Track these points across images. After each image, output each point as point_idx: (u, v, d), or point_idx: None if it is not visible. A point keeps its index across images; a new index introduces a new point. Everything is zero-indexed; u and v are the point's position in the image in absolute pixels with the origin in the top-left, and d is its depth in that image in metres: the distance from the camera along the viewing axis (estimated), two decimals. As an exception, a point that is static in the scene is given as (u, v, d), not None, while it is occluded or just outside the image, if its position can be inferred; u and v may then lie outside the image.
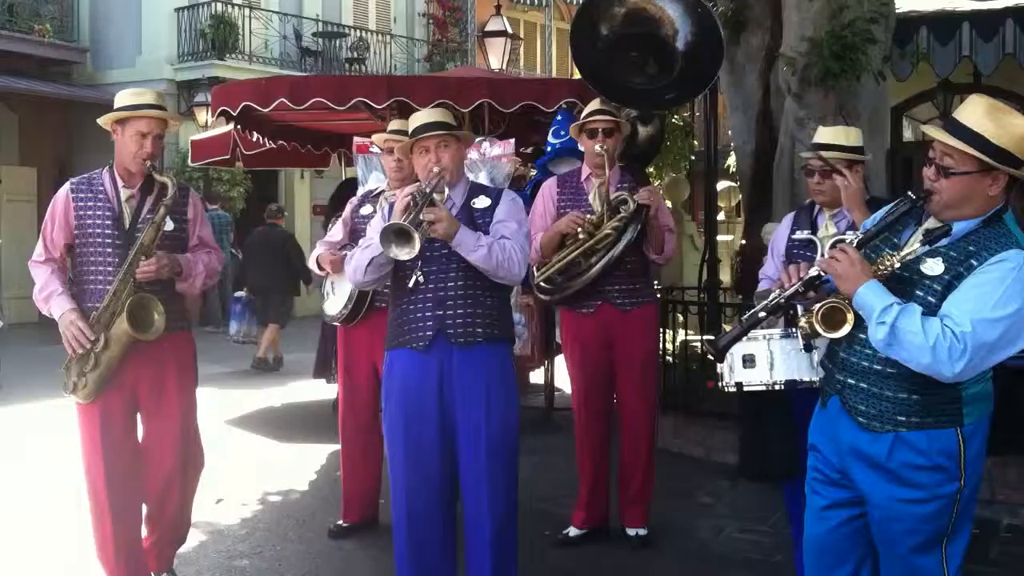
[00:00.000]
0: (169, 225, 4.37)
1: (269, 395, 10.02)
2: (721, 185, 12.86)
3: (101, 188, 4.38)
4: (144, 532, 4.60)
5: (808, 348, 3.52)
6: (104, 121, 4.44)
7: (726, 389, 3.94)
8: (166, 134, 4.49)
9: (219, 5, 19.28)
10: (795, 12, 7.20)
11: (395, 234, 3.81)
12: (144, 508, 4.57)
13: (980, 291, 2.86)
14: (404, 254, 3.82)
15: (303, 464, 7.30)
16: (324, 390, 9.52)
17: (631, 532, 5.45)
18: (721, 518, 5.99)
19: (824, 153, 4.32)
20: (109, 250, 4.31)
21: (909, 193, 3.09)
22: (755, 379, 3.79)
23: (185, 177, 18.45)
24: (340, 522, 5.72)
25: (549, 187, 5.54)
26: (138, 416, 4.51)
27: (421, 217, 3.87)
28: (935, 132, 3.03)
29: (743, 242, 8.98)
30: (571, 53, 5.61)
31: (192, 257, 4.48)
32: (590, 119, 5.30)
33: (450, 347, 4.06)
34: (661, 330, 7.66)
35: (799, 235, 4.38)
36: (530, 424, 4.30)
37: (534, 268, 5.43)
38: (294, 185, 20.29)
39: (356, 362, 5.62)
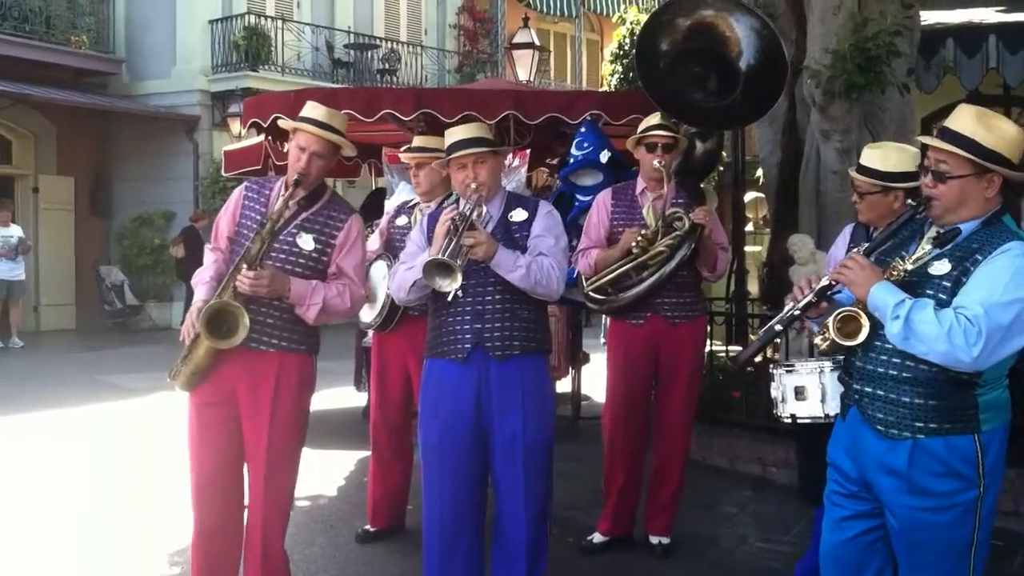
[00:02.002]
0: (309, 244, 4.19)
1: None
2: (749, 196, 12.87)
3: (268, 191, 4.30)
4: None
5: (839, 366, 3.59)
6: (285, 126, 4.41)
7: (781, 419, 4.02)
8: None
9: (252, 17, 19.52)
10: (819, 25, 7.24)
11: (437, 268, 3.91)
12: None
13: (989, 279, 2.95)
14: (447, 286, 3.92)
15: (332, 470, 7.39)
16: (354, 397, 9.63)
17: (654, 540, 5.51)
18: (744, 528, 6.03)
19: (853, 175, 4.36)
20: None
21: (910, 201, 3.23)
22: (807, 412, 3.89)
23: (219, 187, 18.72)
24: (368, 527, 5.81)
25: (604, 198, 5.53)
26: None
27: (462, 242, 3.96)
28: (929, 140, 3.16)
29: (770, 253, 8.99)
30: (636, 67, 5.64)
31: (314, 285, 4.17)
32: (650, 133, 5.29)
33: (488, 359, 4.13)
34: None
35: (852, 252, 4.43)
36: (556, 433, 4.38)
37: (584, 278, 5.46)
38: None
39: (389, 368, 5.71)
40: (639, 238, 5.21)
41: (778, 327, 3.33)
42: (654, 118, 5.39)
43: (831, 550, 3.37)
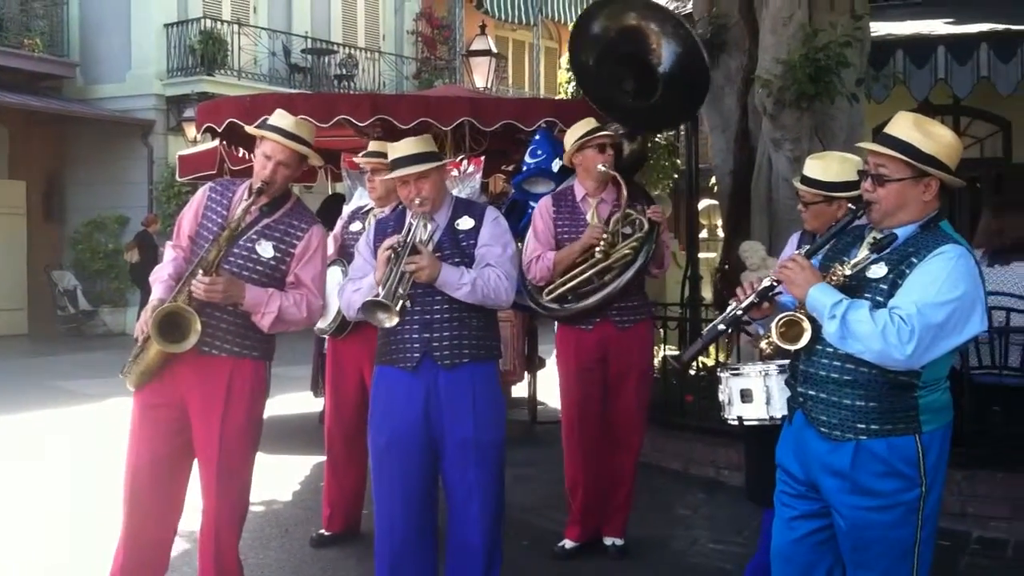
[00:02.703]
0: (269, 252, 4.18)
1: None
2: (703, 203, 12.97)
3: (232, 194, 4.28)
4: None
5: (784, 370, 3.67)
6: (254, 133, 4.37)
7: (728, 422, 4.09)
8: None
9: (208, 21, 19.44)
10: (770, 35, 7.35)
11: (375, 306, 3.94)
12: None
13: (923, 280, 3.04)
14: (387, 321, 3.96)
15: (287, 474, 7.39)
16: (310, 403, 9.62)
17: (608, 542, 5.56)
18: (697, 530, 6.11)
19: (797, 186, 4.44)
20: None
21: (850, 206, 3.33)
22: (753, 414, 3.96)
23: (174, 191, 18.61)
24: (323, 531, 5.83)
25: (545, 205, 5.54)
26: None
27: (404, 268, 3.99)
28: (868, 145, 3.25)
29: (723, 259, 9.10)
30: (572, 70, 5.74)
31: (270, 293, 4.16)
32: (597, 135, 5.34)
33: (437, 368, 4.16)
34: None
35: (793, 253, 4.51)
36: (512, 437, 4.42)
37: (539, 286, 5.49)
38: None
39: (344, 374, 5.74)
40: (601, 237, 5.24)
41: (721, 326, 3.41)
42: (590, 122, 5.45)
43: (781, 549, 3.44)
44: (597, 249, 5.26)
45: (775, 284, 3.29)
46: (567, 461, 5.60)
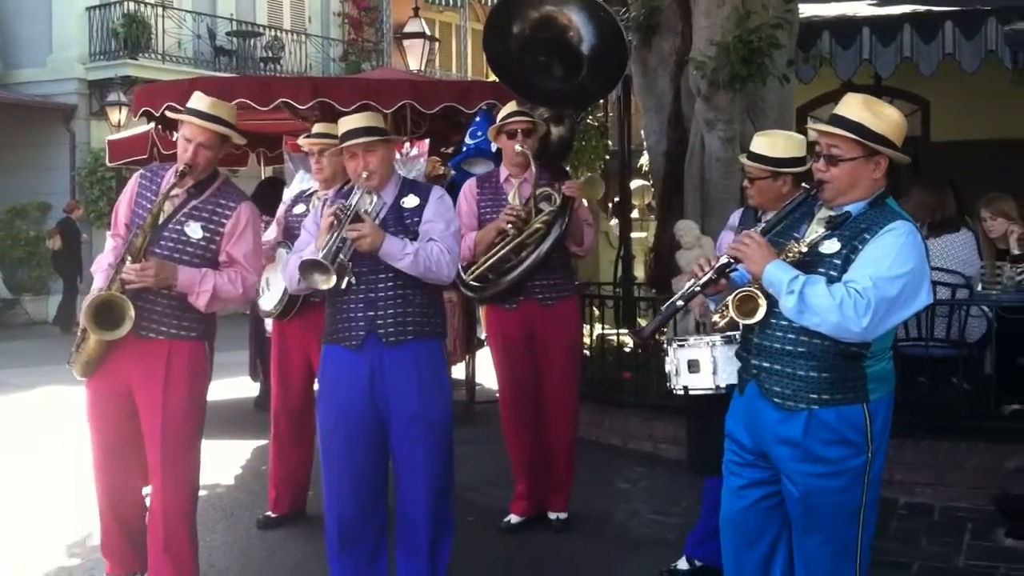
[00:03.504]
0: (197, 233, 4.24)
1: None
2: (635, 184, 13.14)
3: (160, 179, 4.32)
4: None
5: (730, 340, 3.79)
6: (173, 116, 4.47)
7: (674, 391, 4.20)
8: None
9: (131, 4, 19.13)
10: (704, 18, 7.47)
11: (312, 266, 3.98)
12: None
13: (876, 255, 3.17)
14: (323, 283, 3.99)
15: (228, 459, 7.36)
16: (246, 388, 9.59)
17: (552, 516, 5.66)
18: (637, 502, 6.23)
19: (745, 161, 4.56)
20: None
21: (804, 184, 3.45)
22: (700, 384, 4.08)
23: (97, 177, 18.31)
24: (269, 513, 5.84)
25: (469, 187, 5.68)
26: None
27: (345, 235, 4.03)
28: (822, 127, 3.36)
29: (656, 239, 9.24)
30: (485, 54, 5.78)
31: (203, 272, 4.23)
32: (509, 120, 5.48)
33: (381, 346, 4.20)
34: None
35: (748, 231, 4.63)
36: (452, 417, 4.51)
37: (461, 266, 5.54)
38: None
39: (290, 355, 5.76)
40: (513, 217, 5.33)
41: (680, 303, 3.51)
42: (511, 106, 5.57)
43: (730, 517, 3.55)
44: (509, 226, 5.35)
45: (732, 261, 3.40)
46: (506, 438, 5.71)
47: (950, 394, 6.30)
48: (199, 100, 4.33)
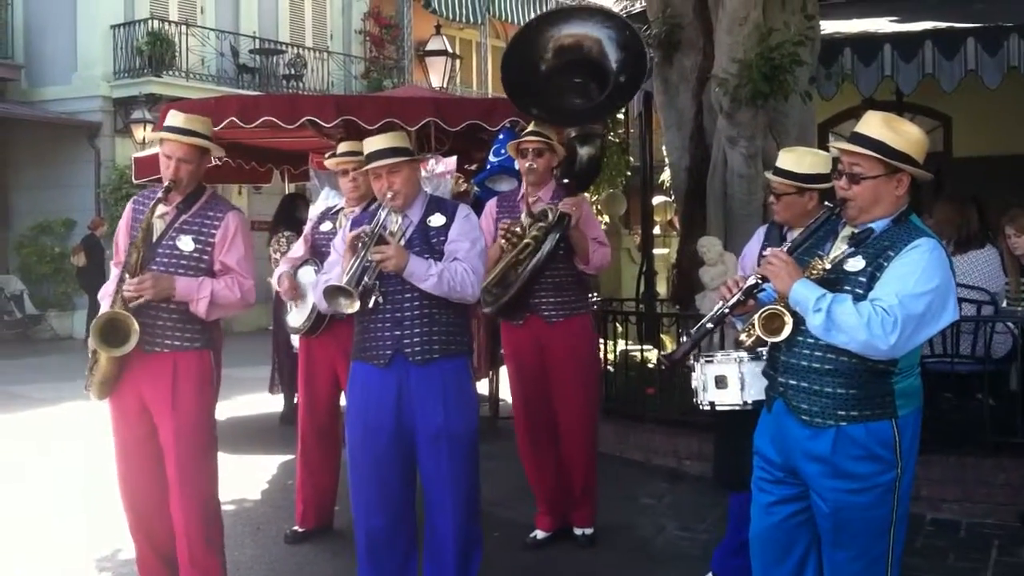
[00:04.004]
0: (189, 246, 4.36)
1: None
2: (657, 200, 13.16)
3: (150, 202, 4.41)
4: None
5: (757, 357, 3.81)
6: (151, 139, 4.58)
7: (701, 407, 4.22)
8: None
9: (155, 22, 19.28)
10: (726, 35, 7.50)
11: (336, 291, 4.06)
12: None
13: (901, 273, 3.18)
14: (347, 308, 4.09)
15: (254, 474, 7.42)
16: (268, 403, 9.64)
17: (578, 532, 5.67)
18: (662, 518, 6.24)
19: (771, 177, 4.59)
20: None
21: (827, 203, 3.46)
22: (727, 399, 4.10)
23: (122, 194, 18.45)
24: (296, 528, 5.88)
25: (491, 205, 5.77)
26: None
27: (370, 258, 4.10)
28: (844, 145, 3.39)
29: (679, 255, 9.26)
30: (502, 79, 5.81)
31: (200, 280, 4.35)
32: (522, 140, 5.56)
33: (408, 364, 4.25)
34: (601, 340, 7.92)
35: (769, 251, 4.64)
36: (478, 432, 4.55)
37: None
38: (232, 200, 20.24)
39: (316, 372, 5.81)
40: (509, 233, 5.37)
41: (709, 325, 3.54)
42: (530, 127, 5.64)
43: (760, 534, 3.57)
44: (503, 242, 5.40)
45: (760, 281, 3.42)
46: (521, 454, 5.74)
47: (976, 410, 6.29)
48: (174, 117, 4.48)
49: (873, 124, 3.32)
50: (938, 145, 12.55)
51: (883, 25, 8.60)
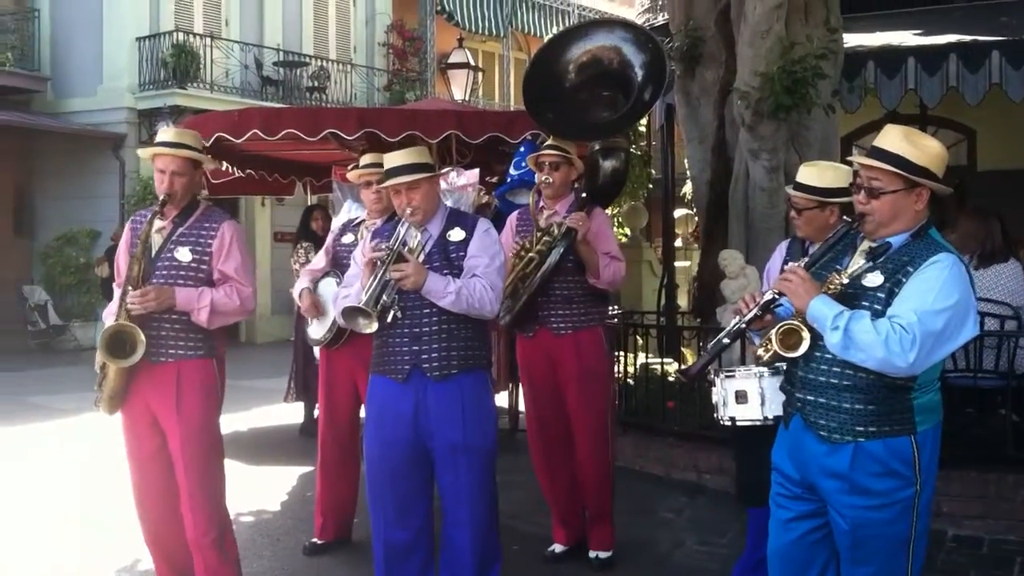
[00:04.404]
0: (187, 256, 4.46)
1: (233, 420, 10.08)
2: (678, 212, 13.16)
3: (145, 218, 4.53)
4: None
5: (777, 371, 3.80)
6: (143, 156, 4.70)
7: (721, 423, 4.21)
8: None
9: (180, 34, 19.40)
10: (748, 48, 7.49)
11: (355, 311, 4.11)
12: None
13: (920, 289, 3.15)
14: (366, 327, 4.14)
15: (273, 485, 7.42)
16: (289, 414, 9.66)
17: (592, 555, 5.57)
18: (681, 532, 6.21)
19: (792, 192, 4.57)
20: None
21: (845, 217, 3.42)
22: (748, 415, 4.08)
23: (146, 205, 18.54)
24: (315, 539, 5.88)
25: (512, 218, 5.75)
26: None
27: (389, 275, 4.12)
28: (862, 159, 3.35)
29: (700, 268, 9.24)
30: (523, 96, 5.81)
31: (200, 290, 4.45)
32: (539, 153, 5.55)
33: (426, 380, 4.25)
34: (621, 353, 7.90)
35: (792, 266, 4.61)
36: (497, 446, 4.55)
37: None
38: (255, 212, 20.40)
39: (337, 384, 5.82)
40: (516, 248, 5.38)
41: (726, 340, 3.52)
42: (549, 139, 5.63)
43: (778, 550, 3.54)
44: (512, 256, 5.40)
45: (776, 297, 3.40)
46: (535, 467, 5.71)
47: (999, 425, 6.24)
48: (165, 133, 4.62)
49: (892, 138, 3.29)
50: (962, 158, 12.48)
51: (907, 38, 8.57)
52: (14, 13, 19.52)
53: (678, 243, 13.61)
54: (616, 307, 8.72)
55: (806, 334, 3.30)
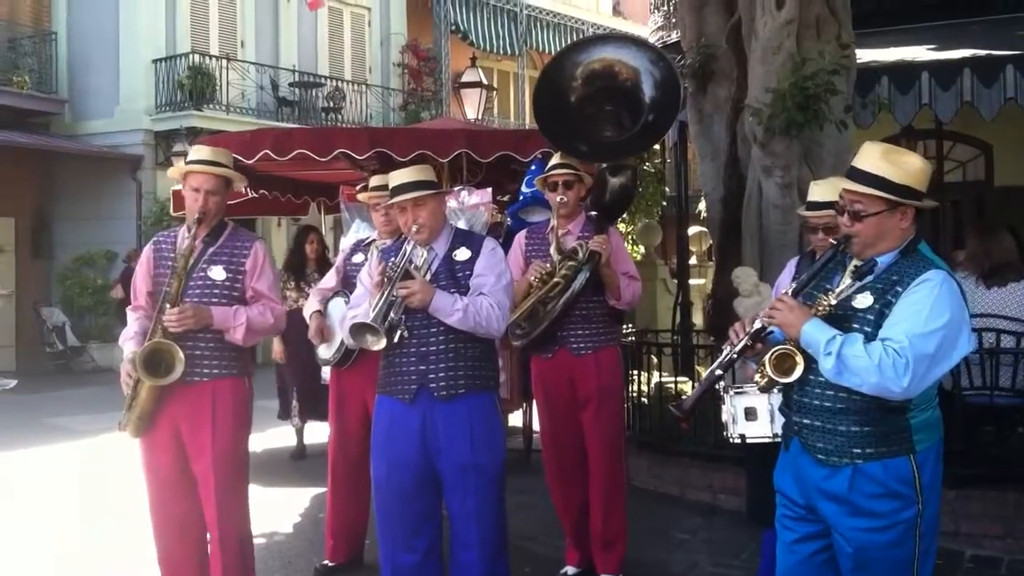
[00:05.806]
0: (221, 275, 4.47)
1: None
2: (692, 230, 13.11)
3: (174, 239, 4.55)
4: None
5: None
6: (173, 174, 4.73)
7: (731, 440, 4.17)
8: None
9: (196, 56, 19.52)
10: (760, 65, 7.46)
11: (363, 328, 4.08)
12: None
13: (911, 310, 3.11)
14: (374, 345, 4.12)
15: (283, 507, 7.40)
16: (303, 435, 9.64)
17: None
18: (696, 553, 6.16)
19: (806, 214, 4.51)
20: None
21: (831, 240, 3.42)
22: (757, 432, 4.06)
23: (163, 227, 18.62)
24: (326, 561, 5.84)
25: (520, 237, 5.72)
26: None
27: (396, 293, 4.10)
28: (841, 183, 3.32)
29: (714, 285, 9.19)
30: (534, 114, 5.80)
31: (235, 308, 4.48)
32: (550, 172, 5.51)
33: (433, 400, 4.23)
34: (636, 372, 7.86)
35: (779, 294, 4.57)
36: (509, 465, 4.48)
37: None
38: (271, 232, 20.44)
39: (347, 404, 5.80)
40: (540, 272, 5.34)
41: (718, 371, 3.49)
42: (556, 158, 5.59)
43: (786, 571, 3.50)
44: (534, 279, 5.36)
45: (766, 325, 3.36)
46: (548, 487, 5.66)
47: (1016, 444, 6.16)
48: (197, 152, 4.61)
49: (871, 157, 3.25)
50: (979, 173, 12.40)
51: (920, 53, 8.53)
52: (32, 36, 19.67)
53: (693, 261, 13.56)
54: (630, 325, 8.69)
55: (800, 359, 3.27)
